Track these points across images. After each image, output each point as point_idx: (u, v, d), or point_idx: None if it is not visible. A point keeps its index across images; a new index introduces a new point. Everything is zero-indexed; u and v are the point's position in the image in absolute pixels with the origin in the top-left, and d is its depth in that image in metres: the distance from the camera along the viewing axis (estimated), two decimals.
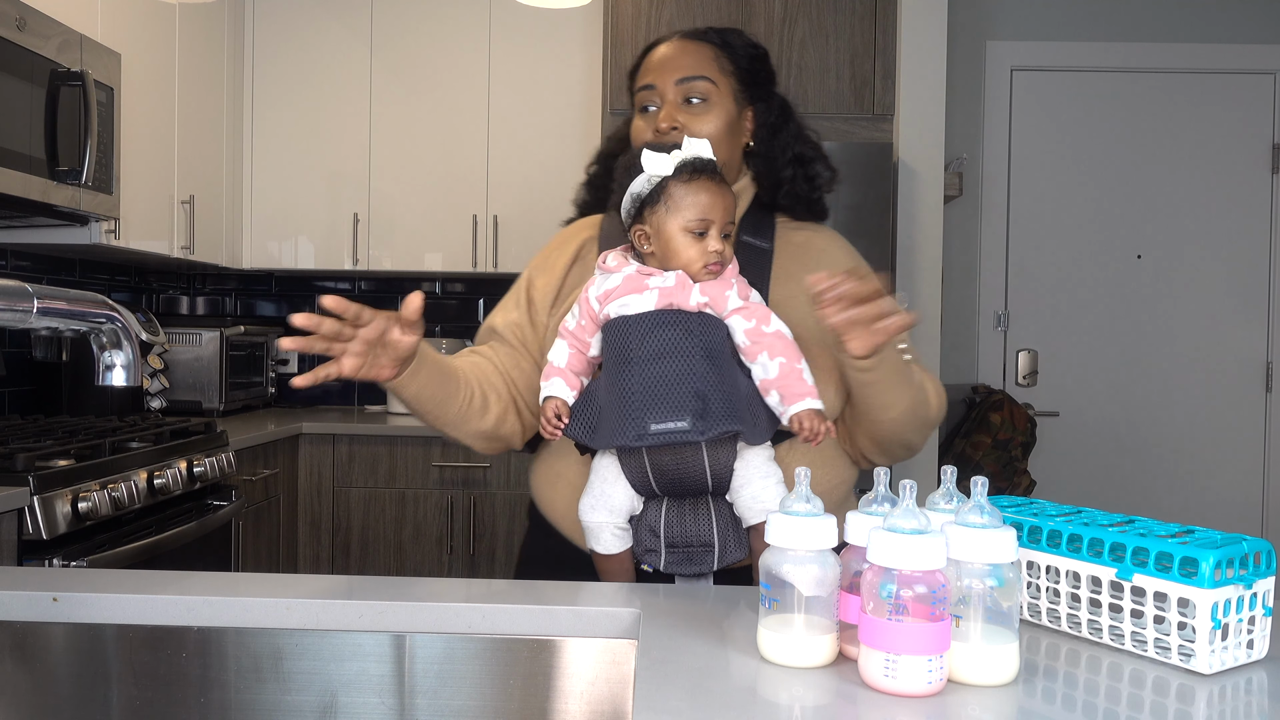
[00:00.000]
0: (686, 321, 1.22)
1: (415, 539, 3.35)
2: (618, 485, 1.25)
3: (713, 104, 1.39)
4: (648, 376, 1.20)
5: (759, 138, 1.46)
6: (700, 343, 1.21)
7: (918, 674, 0.80)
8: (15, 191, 2.23)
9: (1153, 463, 3.93)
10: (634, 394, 1.20)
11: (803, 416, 1.19)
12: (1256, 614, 0.89)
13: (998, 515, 0.84)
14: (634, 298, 1.24)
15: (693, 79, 1.39)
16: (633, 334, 1.23)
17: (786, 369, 1.21)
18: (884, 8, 3.22)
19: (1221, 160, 3.92)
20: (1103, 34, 3.90)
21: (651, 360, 1.21)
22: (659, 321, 1.22)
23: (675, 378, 1.20)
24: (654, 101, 1.41)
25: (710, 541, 1.24)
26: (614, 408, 1.22)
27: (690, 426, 1.18)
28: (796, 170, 1.46)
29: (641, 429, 1.19)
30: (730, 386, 1.21)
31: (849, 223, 3.03)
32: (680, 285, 1.23)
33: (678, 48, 1.42)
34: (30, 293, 0.74)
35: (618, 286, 1.26)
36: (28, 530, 1.93)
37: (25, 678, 1.05)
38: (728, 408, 1.19)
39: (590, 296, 1.28)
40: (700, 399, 1.19)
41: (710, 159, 1.27)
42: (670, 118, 1.38)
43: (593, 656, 1.02)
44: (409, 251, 3.66)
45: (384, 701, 1.03)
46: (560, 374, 1.30)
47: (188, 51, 3.21)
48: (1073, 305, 3.94)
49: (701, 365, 1.20)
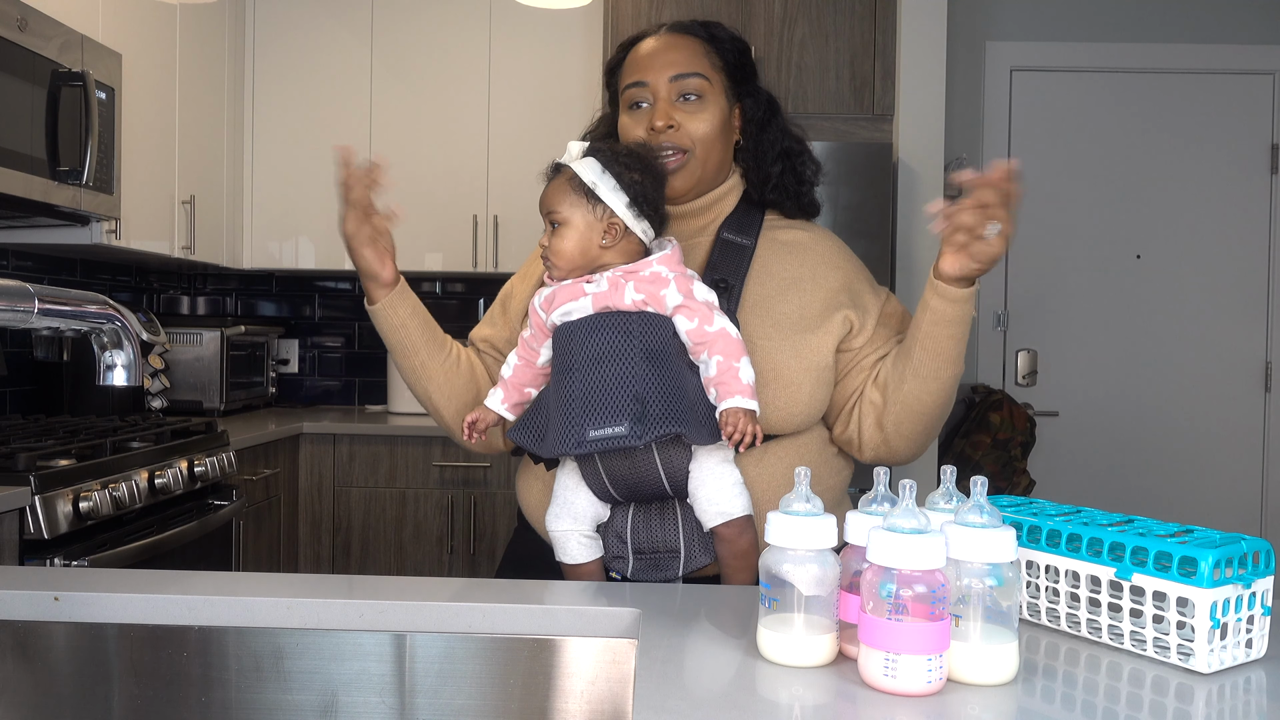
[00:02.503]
0: (625, 323, 1.22)
1: (415, 539, 3.35)
2: (579, 493, 1.26)
3: (707, 101, 1.37)
4: (586, 382, 1.20)
5: (748, 134, 1.44)
6: (639, 344, 1.20)
7: (918, 673, 0.80)
8: (16, 192, 2.23)
9: (1152, 463, 3.93)
10: (573, 401, 1.20)
11: (729, 414, 1.18)
12: (1255, 613, 0.89)
13: (997, 515, 0.85)
14: (574, 304, 1.25)
15: (687, 75, 1.36)
16: (574, 340, 1.23)
17: (724, 366, 1.20)
18: (884, 8, 3.22)
19: (1221, 160, 3.92)
20: (1103, 34, 3.90)
21: (590, 365, 1.20)
22: (596, 325, 1.22)
23: (613, 382, 1.19)
24: (645, 99, 1.38)
25: (676, 548, 1.24)
26: (557, 415, 1.21)
27: (628, 431, 1.17)
28: (784, 165, 1.44)
29: (580, 436, 1.18)
30: (673, 387, 1.20)
31: (849, 223, 3.03)
32: (613, 287, 1.24)
33: (667, 42, 1.39)
34: (31, 293, 0.74)
35: (557, 293, 1.26)
36: (29, 530, 1.93)
37: (26, 677, 1.05)
38: (668, 409, 1.18)
39: (535, 305, 1.29)
40: (638, 402, 1.18)
41: (557, 162, 1.30)
42: (667, 116, 1.35)
43: (593, 656, 1.02)
44: (409, 251, 3.66)
45: (384, 701, 1.03)
46: (502, 385, 1.32)
47: (188, 51, 3.22)
48: (1073, 305, 3.94)
49: (640, 367, 1.19)
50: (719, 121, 1.38)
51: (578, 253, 1.26)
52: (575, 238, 1.26)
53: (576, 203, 1.26)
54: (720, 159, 1.39)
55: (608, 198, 1.25)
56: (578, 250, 1.26)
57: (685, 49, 1.38)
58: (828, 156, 3.03)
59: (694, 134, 1.36)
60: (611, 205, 1.25)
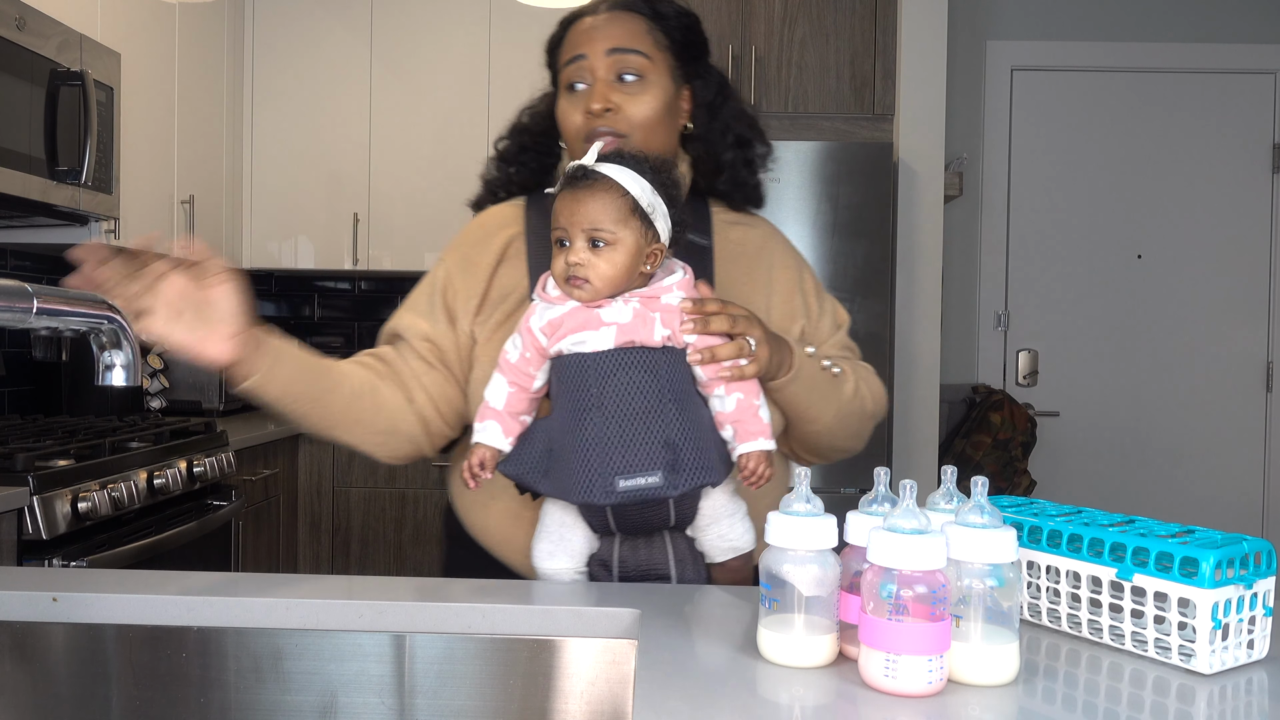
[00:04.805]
0: (652, 362, 1.11)
1: (415, 539, 3.35)
2: (576, 530, 1.17)
3: (649, 82, 1.26)
4: (611, 427, 1.10)
5: (698, 119, 1.33)
6: (668, 385, 1.11)
7: (918, 674, 0.80)
8: (15, 191, 2.23)
9: (1153, 463, 3.93)
10: (598, 446, 1.09)
11: (751, 457, 1.13)
12: (1257, 614, 0.89)
13: (998, 515, 0.84)
14: (589, 334, 1.12)
15: (625, 51, 1.25)
16: (591, 376, 1.11)
17: (745, 405, 1.13)
18: (884, 8, 3.22)
19: (1221, 160, 3.91)
20: (1103, 34, 3.90)
21: (615, 408, 1.10)
22: (620, 363, 1.11)
23: (642, 428, 1.10)
24: (584, 78, 1.27)
25: (667, 573, 1.17)
26: (575, 459, 1.11)
27: (663, 482, 1.09)
28: (737, 154, 1.34)
29: (608, 486, 1.09)
30: (700, 430, 1.12)
31: (849, 223, 3.03)
32: (639, 320, 1.12)
33: (607, 17, 1.28)
34: (30, 292, 0.74)
35: (565, 318, 1.13)
36: (27, 530, 1.93)
37: (25, 678, 1.04)
38: (699, 456, 1.11)
39: (533, 328, 1.15)
40: (671, 449, 1.10)
41: (580, 164, 1.15)
42: (604, 98, 1.24)
43: (593, 656, 1.02)
44: (409, 251, 3.66)
45: (384, 701, 1.03)
46: (496, 417, 1.16)
47: (188, 51, 3.21)
48: (1073, 305, 3.94)
49: (670, 410, 1.11)
50: (661, 104, 1.26)
51: (624, 277, 1.13)
52: (626, 261, 1.13)
53: (630, 223, 1.13)
54: (663, 146, 1.28)
55: (660, 225, 1.14)
56: (625, 274, 1.13)
57: (626, 24, 1.27)
58: (828, 157, 3.03)
59: (633, 118, 1.25)
60: (661, 232, 1.15)
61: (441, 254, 1.35)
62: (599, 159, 1.15)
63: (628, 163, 1.14)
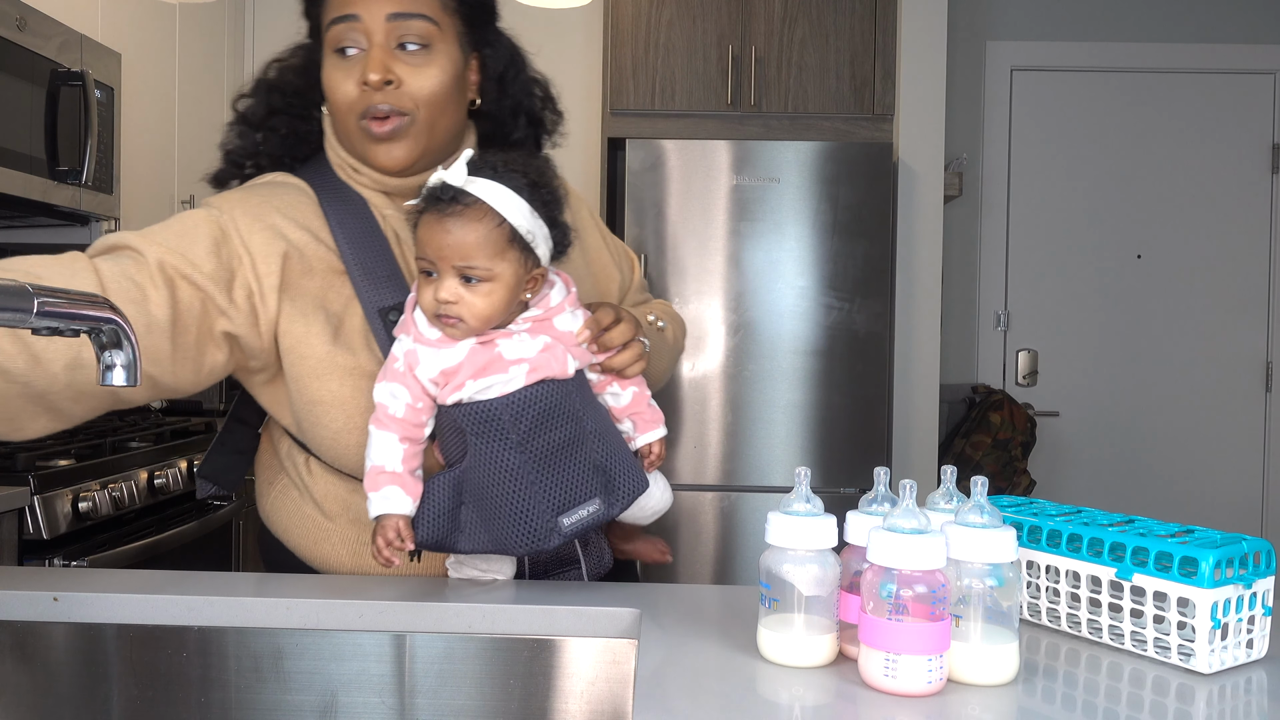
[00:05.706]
0: (564, 392, 1.05)
1: None
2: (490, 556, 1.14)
3: (435, 52, 1.10)
4: (540, 467, 1.03)
5: (487, 93, 1.19)
6: (581, 408, 1.07)
7: (918, 674, 0.80)
8: (16, 191, 2.23)
9: (1153, 463, 3.93)
10: (530, 490, 1.03)
11: (653, 445, 1.15)
12: (1256, 614, 0.89)
13: (998, 515, 0.84)
14: (496, 379, 1.02)
15: (409, 16, 1.08)
16: (505, 420, 1.02)
17: (639, 397, 1.14)
18: (884, 8, 3.22)
19: (1221, 160, 3.92)
20: (1103, 34, 3.90)
21: (539, 447, 1.03)
22: (534, 400, 1.03)
23: (570, 459, 1.05)
24: (357, 42, 1.09)
25: (576, 558, 1.17)
26: (505, 508, 1.04)
27: (602, 507, 1.07)
28: (529, 133, 1.23)
29: (551, 527, 1.04)
30: (617, 441, 1.10)
31: (849, 223, 3.03)
32: (549, 354, 1.04)
33: None
34: (30, 293, 0.74)
35: (461, 366, 1.02)
36: (28, 530, 1.93)
37: (25, 677, 1.05)
38: (626, 468, 1.09)
39: (421, 378, 1.03)
40: (602, 472, 1.07)
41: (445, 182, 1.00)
42: (383, 68, 1.08)
43: (593, 656, 1.02)
44: None
45: (384, 701, 1.03)
46: (395, 481, 1.04)
47: (188, 51, 3.21)
48: (1073, 305, 3.94)
49: (591, 433, 1.07)
50: (449, 77, 1.11)
51: (502, 313, 1.03)
52: (505, 296, 1.02)
53: (508, 255, 1.01)
54: (451, 122, 1.14)
55: (541, 250, 1.04)
56: (503, 309, 1.02)
57: None
58: (827, 157, 3.03)
59: (417, 94, 1.09)
60: (542, 257, 1.04)
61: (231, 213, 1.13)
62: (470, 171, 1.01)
63: (502, 177, 1.01)
